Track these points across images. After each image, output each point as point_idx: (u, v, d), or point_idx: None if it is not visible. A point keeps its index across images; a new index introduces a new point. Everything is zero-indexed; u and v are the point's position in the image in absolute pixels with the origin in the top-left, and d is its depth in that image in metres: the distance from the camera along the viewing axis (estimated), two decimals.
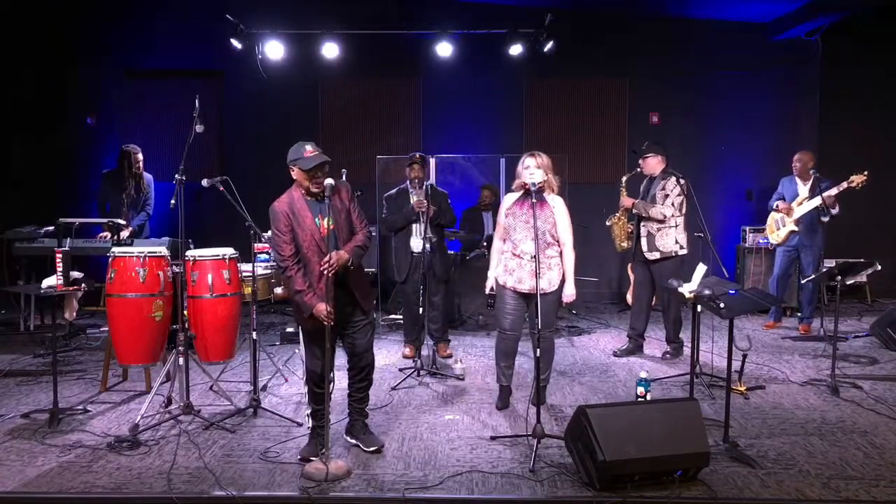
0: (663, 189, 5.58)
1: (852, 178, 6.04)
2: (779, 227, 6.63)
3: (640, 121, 8.49)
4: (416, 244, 5.61)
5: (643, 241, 5.62)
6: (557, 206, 4.34)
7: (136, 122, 8.40)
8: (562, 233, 4.33)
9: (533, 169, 4.22)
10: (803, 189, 6.51)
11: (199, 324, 4.50)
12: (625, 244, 5.89)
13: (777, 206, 6.58)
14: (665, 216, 5.52)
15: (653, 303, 5.98)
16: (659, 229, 5.58)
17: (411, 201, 5.58)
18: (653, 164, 5.67)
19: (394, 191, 5.77)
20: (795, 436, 4.05)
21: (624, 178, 5.83)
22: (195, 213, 4.77)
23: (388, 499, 3.32)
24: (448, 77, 8.04)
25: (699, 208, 5.32)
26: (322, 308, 3.54)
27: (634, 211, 5.67)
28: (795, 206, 6.48)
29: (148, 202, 6.75)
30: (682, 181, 5.49)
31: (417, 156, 5.71)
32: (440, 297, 5.82)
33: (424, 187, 5.50)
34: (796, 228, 6.46)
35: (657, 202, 5.57)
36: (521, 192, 4.35)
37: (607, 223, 5.96)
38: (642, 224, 5.65)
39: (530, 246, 4.19)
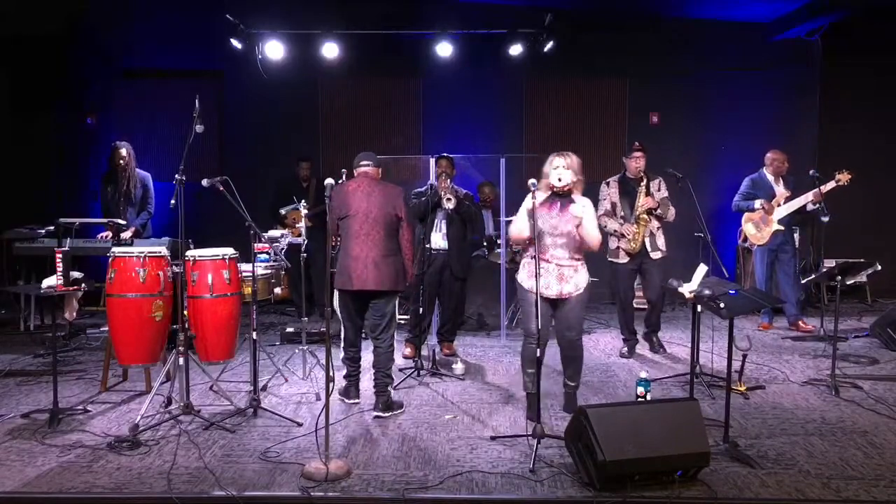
0: (660, 189, 5.68)
1: (838, 176, 6.15)
2: (759, 229, 6.63)
3: (640, 121, 8.48)
4: (436, 240, 5.65)
5: (647, 242, 5.65)
6: (586, 206, 4.18)
7: (136, 122, 8.38)
8: (591, 230, 4.17)
9: (562, 170, 4.14)
10: (778, 188, 6.55)
11: (199, 324, 4.50)
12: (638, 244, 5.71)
13: (762, 206, 6.55)
14: (673, 216, 5.65)
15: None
16: (658, 228, 5.68)
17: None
18: (644, 162, 5.68)
19: (424, 188, 5.79)
20: (795, 436, 4.05)
21: (643, 182, 5.65)
22: (195, 213, 4.77)
23: (388, 499, 3.32)
24: (448, 77, 8.03)
25: (699, 208, 5.33)
26: None
27: (658, 211, 5.61)
28: (775, 205, 6.51)
29: (149, 202, 6.74)
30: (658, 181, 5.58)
31: (444, 154, 5.93)
32: (454, 296, 5.83)
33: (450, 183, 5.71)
34: (782, 228, 6.48)
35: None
36: (549, 193, 4.22)
37: (633, 228, 5.62)
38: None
39: (561, 252, 4.15)
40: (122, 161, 6.58)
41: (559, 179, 4.14)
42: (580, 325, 4.36)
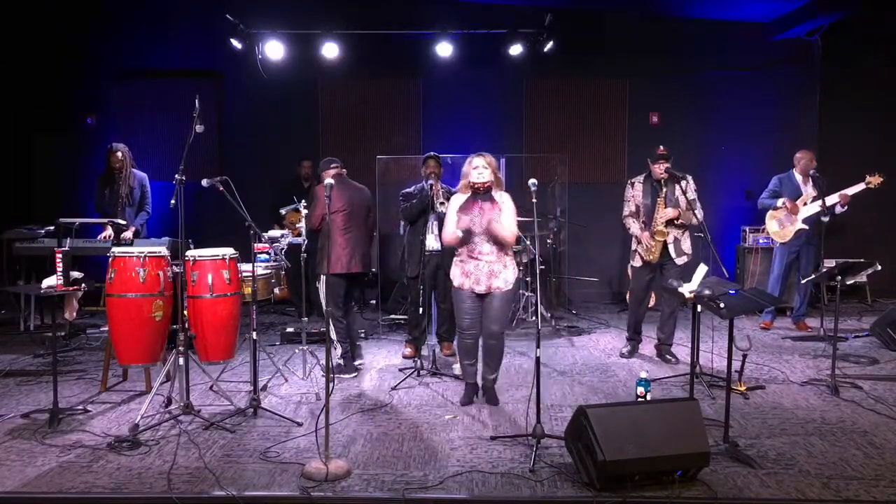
0: (685, 193, 5.44)
1: (869, 178, 6.18)
2: (782, 226, 6.62)
3: (640, 121, 8.49)
4: (429, 241, 5.63)
5: (671, 248, 5.52)
6: (505, 202, 4.45)
7: (136, 122, 8.40)
8: (508, 224, 4.40)
9: (482, 168, 4.40)
10: (806, 188, 6.53)
11: (199, 324, 4.49)
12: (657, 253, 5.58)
13: (785, 204, 6.56)
14: (700, 219, 5.39)
15: (651, 304, 5.99)
16: (683, 233, 5.57)
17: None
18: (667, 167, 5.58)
19: (412, 188, 5.76)
20: (795, 436, 4.05)
21: (664, 191, 5.50)
22: (195, 213, 4.77)
23: (388, 499, 3.32)
24: (448, 77, 8.04)
25: (699, 208, 5.31)
26: None
27: (680, 221, 5.49)
28: (801, 204, 6.49)
29: (146, 202, 6.74)
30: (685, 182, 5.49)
31: (431, 154, 5.84)
32: (449, 296, 5.80)
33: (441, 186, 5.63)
34: (806, 227, 6.46)
35: (680, 206, 5.48)
36: (470, 193, 4.46)
37: (650, 242, 5.50)
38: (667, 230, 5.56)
39: (488, 249, 4.39)
40: (118, 164, 6.58)
41: (479, 176, 4.39)
42: (504, 318, 4.52)
